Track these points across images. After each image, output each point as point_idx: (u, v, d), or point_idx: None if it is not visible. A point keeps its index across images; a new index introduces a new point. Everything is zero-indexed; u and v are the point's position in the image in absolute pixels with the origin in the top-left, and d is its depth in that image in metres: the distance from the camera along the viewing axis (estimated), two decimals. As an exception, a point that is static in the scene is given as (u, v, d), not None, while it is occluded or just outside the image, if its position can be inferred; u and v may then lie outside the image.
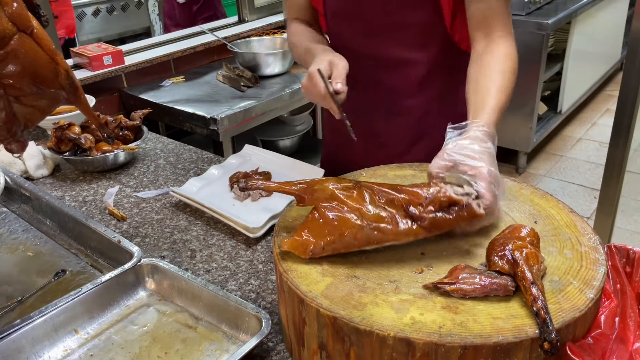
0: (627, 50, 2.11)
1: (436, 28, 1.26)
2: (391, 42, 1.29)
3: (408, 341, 0.70)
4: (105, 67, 2.33)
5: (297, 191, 0.91)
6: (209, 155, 1.62)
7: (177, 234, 1.24)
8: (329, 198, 0.88)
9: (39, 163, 1.52)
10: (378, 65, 1.33)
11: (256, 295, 1.04)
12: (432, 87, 1.33)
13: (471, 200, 0.86)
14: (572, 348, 0.72)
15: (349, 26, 1.33)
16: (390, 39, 1.29)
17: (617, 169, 2.22)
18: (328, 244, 0.84)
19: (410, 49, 1.29)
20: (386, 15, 1.26)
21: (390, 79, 1.33)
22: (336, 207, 0.87)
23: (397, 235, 0.85)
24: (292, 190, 0.91)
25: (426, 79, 1.31)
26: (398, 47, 1.29)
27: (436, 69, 1.30)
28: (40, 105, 0.88)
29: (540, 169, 3.85)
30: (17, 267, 1.18)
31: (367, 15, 1.28)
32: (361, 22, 1.30)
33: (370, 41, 1.31)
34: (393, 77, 1.33)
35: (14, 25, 0.79)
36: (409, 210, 0.86)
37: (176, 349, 0.94)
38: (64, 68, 0.87)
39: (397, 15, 1.25)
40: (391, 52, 1.30)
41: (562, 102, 4.05)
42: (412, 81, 1.32)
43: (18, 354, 0.91)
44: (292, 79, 2.53)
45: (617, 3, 4.43)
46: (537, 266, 0.77)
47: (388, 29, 1.28)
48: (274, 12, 3.18)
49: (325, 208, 0.87)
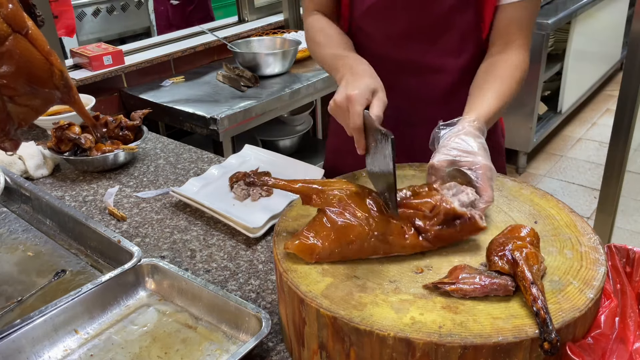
0: (627, 50, 2.11)
1: (472, 34, 1.22)
2: (426, 47, 1.23)
3: (408, 341, 0.70)
4: (105, 67, 2.33)
5: (305, 190, 0.90)
6: (209, 155, 1.62)
7: (177, 234, 1.24)
8: (338, 202, 0.88)
9: (39, 163, 1.52)
10: (403, 70, 1.26)
11: (256, 295, 1.04)
12: (456, 98, 1.23)
13: (474, 212, 0.87)
14: (572, 348, 0.72)
15: (381, 27, 1.25)
16: (427, 43, 1.23)
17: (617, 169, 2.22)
18: (334, 251, 0.84)
19: (444, 55, 1.24)
20: (428, 16, 1.20)
21: (417, 86, 1.27)
22: (344, 213, 0.87)
23: (403, 247, 0.86)
24: (300, 189, 0.90)
25: (453, 89, 1.27)
26: (432, 53, 1.24)
27: (464, 79, 1.22)
28: (34, 105, 0.89)
29: (540, 169, 3.85)
30: (17, 267, 1.18)
31: (407, 16, 1.21)
32: (397, 24, 1.22)
33: (402, 45, 1.24)
34: (420, 84, 1.27)
35: (8, 27, 0.79)
36: (414, 223, 0.87)
37: (176, 349, 0.94)
38: (59, 68, 0.87)
39: (440, 17, 1.19)
40: (424, 58, 1.25)
41: (562, 102, 4.05)
42: (439, 90, 1.27)
43: (18, 354, 0.91)
44: (292, 79, 2.53)
45: (617, 3, 4.43)
46: (537, 266, 0.77)
47: (427, 31, 1.22)
48: (274, 12, 3.19)
49: (334, 213, 0.87)
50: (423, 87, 1.27)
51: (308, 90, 2.48)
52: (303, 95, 2.48)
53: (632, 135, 2.18)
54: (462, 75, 1.24)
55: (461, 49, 1.24)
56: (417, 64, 1.26)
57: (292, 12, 3.13)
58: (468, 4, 1.18)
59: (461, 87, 1.21)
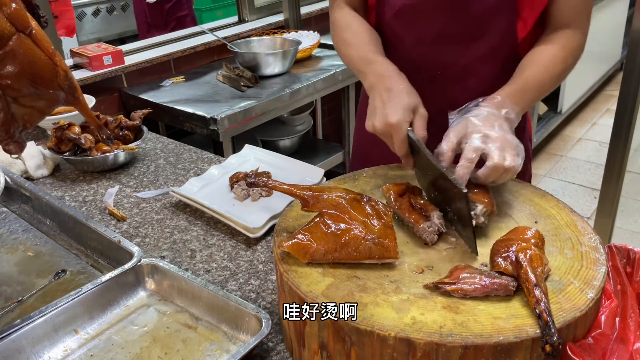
0: (627, 50, 2.11)
1: (509, 36, 1.16)
2: (461, 50, 1.18)
3: (409, 341, 0.70)
4: (105, 67, 2.33)
5: (303, 195, 0.91)
6: (209, 155, 1.62)
7: (177, 234, 1.24)
8: (335, 206, 0.89)
9: (39, 163, 1.52)
10: (435, 75, 1.21)
11: (256, 295, 1.04)
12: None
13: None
14: (572, 348, 0.72)
15: (413, 29, 1.19)
16: (461, 46, 1.18)
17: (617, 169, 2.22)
18: (329, 252, 0.85)
19: (479, 59, 1.19)
20: (465, 17, 1.14)
21: (449, 91, 1.22)
22: (342, 216, 0.87)
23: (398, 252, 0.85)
24: (300, 195, 0.92)
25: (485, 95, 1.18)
26: (466, 57, 1.19)
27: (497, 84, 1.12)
28: (39, 106, 0.88)
29: (541, 169, 3.85)
30: (17, 267, 1.18)
31: (442, 17, 1.15)
32: (431, 26, 1.17)
33: (435, 48, 1.19)
34: (452, 90, 1.21)
35: (12, 26, 0.79)
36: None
37: (176, 349, 0.94)
38: (63, 69, 0.87)
39: (478, 18, 1.14)
40: (457, 62, 1.20)
41: (562, 102, 4.05)
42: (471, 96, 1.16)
43: (18, 354, 0.91)
44: (292, 79, 2.53)
45: (617, 3, 4.43)
46: (540, 268, 0.77)
47: (462, 33, 1.17)
48: (274, 12, 3.19)
49: (331, 216, 0.88)
50: (456, 90, 1.21)
51: (308, 90, 2.48)
52: (303, 95, 2.48)
53: (632, 135, 2.18)
54: (495, 80, 1.14)
55: (496, 53, 1.18)
56: (450, 67, 1.21)
57: (292, 12, 3.13)
58: (507, 3, 1.13)
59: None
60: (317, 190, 0.92)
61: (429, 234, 0.89)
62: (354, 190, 0.93)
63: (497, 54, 1.19)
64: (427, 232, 0.89)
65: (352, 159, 1.55)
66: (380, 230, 0.86)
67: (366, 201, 0.90)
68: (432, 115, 1.06)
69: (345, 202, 0.89)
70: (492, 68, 1.20)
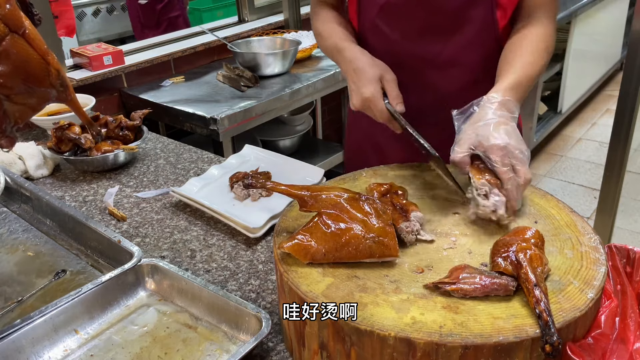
0: (627, 50, 2.11)
1: (489, 27, 1.21)
2: (444, 41, 1.23)
3: (409, 341, 0.70)
4: (105, 67, 2.33)
5: (302, 195, 0.91)
6: (209, 155, 1.62)
7: (177, 234, 1.24)
8: (334, 206, 0.89)
9: (39, 163, 1.52)
10: (423, 66, 1.26)
11: (256, 295, 1.04)
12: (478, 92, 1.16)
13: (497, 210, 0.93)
14: (572, 348, 0.72)
15: (398, 24, 1.25)
16: (444, 37, 1.23)
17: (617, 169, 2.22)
18: (329, 252, 0.85)
19: (463, 49, 1.24)
20: (443, 11, 1.20)
21: (438, 81, 1.27)
22: (341, 215, 0.87)
23: (398, 250, 0.86)
24: (298, 195, 0.92)
25: (474, 83, 1.25)
26: (450, 47, 1.24)
27: (484, 73, 1.23)
28: (31, 103, 0.90)
29: (540, 169, 3.85)
30: (17, 267, 1.18)
31: (422, 11, 1.21)
32: (413, 20, 1.23)
33: (420, 40, 1.24)
34: (440, 79, 1.27)
35: (6, 27, 0.80)
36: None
37: (176, 349, 0.94)
38: (55, 68, 0.88)
39: (455, 11, 1.20)
40: (442, 52, 1.24)
41: (562, 102, 4.05)
42: (460, 84, 1.27)
43: (18, 354, 0.91)
44: (292, 79, 2.53)
45: (617, 3, 4.43)
46: (540, 268, 0.77)
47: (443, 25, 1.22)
48: (274, 12, 3.19)
49: (330, 215, 0.87)
50: (443, 81, 1.27)
51: (308, 90, 2.48)
52: (303, 95, 2.48)
53: (632, 135, 2.18)
54: (482, 69, 1.24)
55: (479, 42, 1.23)
56: (436, 58, 1.25)
57: (292, 12, 3.13)
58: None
59: (482, 81, 1.19)
60: (315, 190, 0.92)
61: (407, 235, 0.89)
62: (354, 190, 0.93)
63: (480, 43, 1.23)
64: (404, 232, 0.89)
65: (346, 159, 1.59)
66: (380, 228, 0.86)
67: (364, 200, 0.90)
68: (421, 108, 1.21)
69: (343, 201, 0.89)
70: (476, 58, 1.25)
